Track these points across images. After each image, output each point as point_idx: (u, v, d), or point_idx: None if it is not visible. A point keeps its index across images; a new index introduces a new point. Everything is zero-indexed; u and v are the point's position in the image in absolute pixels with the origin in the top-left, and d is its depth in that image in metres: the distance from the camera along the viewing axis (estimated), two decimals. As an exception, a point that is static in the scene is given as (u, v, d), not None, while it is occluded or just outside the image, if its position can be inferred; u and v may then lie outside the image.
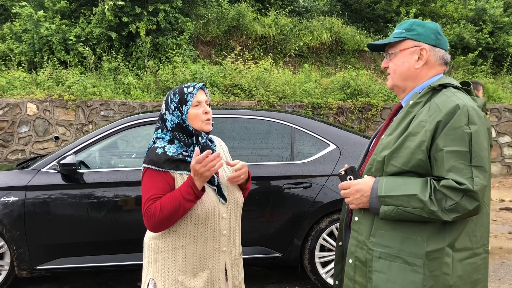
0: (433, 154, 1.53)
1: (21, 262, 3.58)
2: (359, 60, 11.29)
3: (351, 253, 1.68)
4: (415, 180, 1.54)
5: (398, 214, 1.53)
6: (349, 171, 1.68)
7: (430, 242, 1.53)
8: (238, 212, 2.04)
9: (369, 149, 1.83)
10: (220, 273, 1.97)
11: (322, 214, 3.74)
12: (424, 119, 1.55)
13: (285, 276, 4.27)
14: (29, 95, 7.59)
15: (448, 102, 1.55)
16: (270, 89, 8.47)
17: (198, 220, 1.89)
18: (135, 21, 8.79)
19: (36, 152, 7.39)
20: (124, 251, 3.62)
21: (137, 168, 3.72)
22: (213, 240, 1.93)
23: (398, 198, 1.52)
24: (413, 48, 1.68)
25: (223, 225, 1.95)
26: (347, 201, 1.67)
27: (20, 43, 8.84)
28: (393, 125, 1.66)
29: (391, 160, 1.58)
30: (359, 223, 1.67)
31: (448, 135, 1.50)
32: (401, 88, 1.74)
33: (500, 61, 11.46)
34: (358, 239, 1.66)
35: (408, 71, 1.69)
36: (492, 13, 11.54)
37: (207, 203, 1.90)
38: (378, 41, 1.77)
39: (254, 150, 3.90)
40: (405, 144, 1.55)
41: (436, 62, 1.69)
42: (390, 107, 8.90)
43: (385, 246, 1.58)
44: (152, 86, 8.33)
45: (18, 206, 3.55)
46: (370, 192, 1.59)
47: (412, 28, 1.70)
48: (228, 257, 2.00)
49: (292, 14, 11.56)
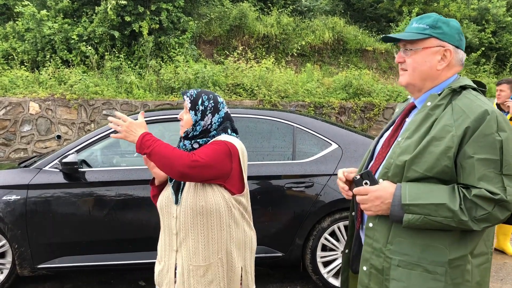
0: (460, 161, 1.46)
1: (22, 260, 3.58)
2: (362, 59, 11.27)
3: (366, 260, 1.62)
4: (442, 187, 1.46)
5: (424, 223, 1.45)
6: (365, 175, 1.57)
7: (453, 249, 1.48)
8: (194, 217, 1.97)
9: (375, 150, 1.75)
10: (170, 271, 2.04)
11: (324, 213, 3.73)
12: (448, 123, 1.48)
13: (286, 275, 4.27)
14: (31, 94, 7.60)
15: (475, 107, 1.47)
16: (272, 88, 8.46)
17: (158, 210, 2.11)
18: (138, 20, 8.79)
19: (38, 151, 7.40)
20: (126, 250, 3.63)
21: (138, 167, 3.72)
22: (168, 235, 2.06)
23: (425, 207, 1.44)
24: (437, 48, 1.58)
25: (173, 224, 2.03)
26: (364, 207, 1.57)
27: (23, 42, 8.84)
28: (411, 128, 1.56)
29: (412, 165, 1.49)
30: (374, 229, 1.59)
31: (478, 142, 1.43)
32: (417, 87, 1.64)
33: (503, 61, 11.43)
34: (374, 246, 1.59)
35: (429, 71, 1.60)
36: (495, 12, 11.51)
37: (162, 198, 2.08)
38: (397, 34, 1.63)
39: (256, 149, 3.89)
40: (429, 149, 1.47)
41: (456, 63, 1.62)
42: (392, 107, 8.88)
43: (404, 254, 1.52)
44: (154, 85, 8.33)
45: (20, 204, 3.56)
46: (392, 199, 1.50)
47: (438, 26, 1.59)
48: (181, 259, 2.01)
49: (294, 13, 11.55)
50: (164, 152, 1.89)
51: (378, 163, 1.66)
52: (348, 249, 1.83)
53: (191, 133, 2.05)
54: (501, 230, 4.75)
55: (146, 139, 1.91)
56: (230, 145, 2.00)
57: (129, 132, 1.93)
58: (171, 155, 1.89)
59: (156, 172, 2.12)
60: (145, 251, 3.58)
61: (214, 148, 1.97)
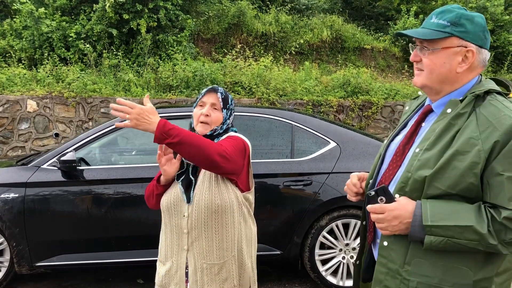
0: (487, 178, 1.33)
1: (20, 258, 3.58)
2: (360, 58, 11.28)
3: (379, 281, 1.49)
4: (467, 207, 1.33)
5: (447, 246, 1.33)
6: (380, 191, 1.41)
7: (478, 270, 1.36)
8: (209, 216, 1.94)
9: (386, 154, 1.61)
10: (180, 270, 1.98)
11: (322, 211, 3.74)
12: (474, 136, 1.33)
13: (285, 273, 4.28)
14: (29, 92, 7.58)
15: (503, 118, 1.33)
16: (270, 86, 8.46)
17: (163, 210, 2.03)
18: (136, 18, 8.77)
19: (36, 149, 7.39)
20: (124, 248, 3.63)
21: (137, 165, 3.72)
22: (176, 235, 1.99)
23: (449, 229, 1.32)
24: (459, 48, 1.41)
25: (184, 223, 1.96)
26: (380, 227, 1.43)
27: (20, 40, 8.82)
28: (429, 138, 1.41)
29: (434, 181, 1.35)
30: (390, 249, 1.45)
31: (509, 158, 1.30)
32: (435, 90, 1.48)
33: (501, 60, 11.45)
34: (389, 266, 1.45)
35: (448, 73, 1.43)
36: (493, 11, 11.52)
37: (170, 197, 2.00)
38: (415, 31, 1.46)
39: (254, 147, 3.89)
40: (452, 164, 1.34)
41: (479, 65, 1.45)
42: (391, 105, 8.89)
43: (424, 276, 1.39)
44: (153, 83, 8.32)
45: (18, 202, 3.55)
46: (412, 219, 1.36)
47: (460, 23, 1.41)
48: (192, 258, 1.96)
49: (293, 11, 11.54)
50: (195, 141, 1.76)
51: (392, 173, 1.52)
52: (359, 260, 1.72)
53: (217, 131, 2.03)
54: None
55: (169, 128, 1.73)
56: (245, 142, 2.01)
57: (140, 120, 1.71)
58: (202, 144, 1.77)
59: (166, 169, 1.99)
60: (144, 249, 3.58)
61: (233, 142, 1.95)
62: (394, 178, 1.50)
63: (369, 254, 1.65)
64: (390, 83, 9.98)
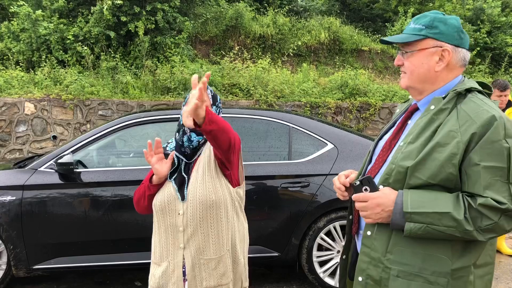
0: (465, 168, 1.40)
1: (18, 261, 3.57)
2: (357, 59, 11.29)
3: (362, 270, 1.55)
4: (445, 195, 1.41)
5: (426, 232, 1.40)
6: (365, 181, 1.49)
7: (456, 259, 1.43)
8: (204, 211, 1.95)
9: (375, 151, 1.69)
10: (177, 269, 1.98)
11: (320, 213, 3.74)
12: (454, 129, 1.41)
13: (282, 275, 4.27)
14: (26, 95, 7.58)
15: (481, 112, 1.41)
16: (268, 88, 8.47)
17: (156, 210, 2.04)
18: (134, 20, 8.77)
19: (34, 152, 7.38)
20: (122, 251, 3.62)
21: (134, 168, 3.72)
22: (171, 234, 2.00)
23: (428, 216, 1.38)
24: (434, 48, 1.52)
25: (179, 221, 1.97)
26: (364, 215, 1.50)
27: (18, 42, 8.81)
28: (413, 132, 1.50)
29: (415, 172, 1.43)
30: (373, 238, 1.52)
31: (484, 149, 1.37)
32: (417, 90, 1.58)
33: (498, 61, 11.48)
34: (371, 255, 1.52)
35: (427, 73, 1.53)
36: (490, 12, 11.56)
37: (163, 196, 2.01)
38: (394, 37, 1.58)
39: (252, 149, 3.90)
40: (433, 155, 1.41)
41: (458, 63, 1.54)
42: (388, 107, 8.90)
43: (405, 264, 1.45)
44: (150, 85, 8.32)
45: (15, 205, 3.54)
46: (393, 207, 1.43)
47: (434, 25, 1.52)
48: (189, 255, 1.97)
49: (291, 13, 11.56)
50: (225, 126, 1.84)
51: (377, 167, 1.60)
52: (346, 255, 1.77)
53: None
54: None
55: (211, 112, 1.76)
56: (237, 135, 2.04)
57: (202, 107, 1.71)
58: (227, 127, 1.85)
59: (158, 168, 2.00)
60: (141, 251, 3.58)
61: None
62: (380, 171, 1.58)
63: (355, 249, 1.69)
64: (387, 84, 10.00)
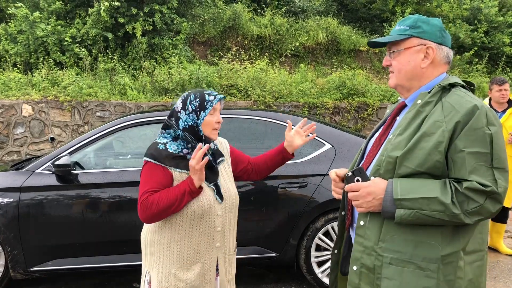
0: (451, 155, 1.47)
1: (15, 263, 3.56)
2: (355, 60, 11.30)
3: (356, 259, 1.60)
4: (433, 182, 1.47)
5: (416, 218, 1.45)
6: (356, 172, 1.56)
7: (445, 245, 1.48)
8: (233, 210, 2.13)
9: (366, 149, 1.76)
10: (212, 268, 2.06)
11: (318, 213, 3.74)
12: (439, 119, 1.49)
13: (281, 276, 4.27)
14: (24, 96, 7.57)
15: (464, 102, 1.49)
16: (266, 89, 8.47)
17: (193, 216, 1.99)
18: (131, 21, 8.77)
19: (31, 154, 7.37)
20: (120, 252, 3.61)
21: (132, 169, 3.71)
22: (207, 235, 2.03)
23: (416, 201, 1.45)
24: (419, 46, 1.61)
25: (218, 222, 2.05)
26: (356, 204, 1.57)
27: (15, 44, 8.80)
28: (402, 125, 1.57)
29: (404, 161, 1.50)
30: (366, 228, 1.58)
31: (469, 136, 1.45)
32: (405, 87, 1.67)
33: (495, 60, 11.50)
34: (365, 244, 1.58)
35: (414, 70, 1.62)
36: (487, 12, 11.58)
37: (203, 201, 2.00)
38: (380, 38, 1.68)
39: (250, 150, 3.89)
40: (420, 144, 1.48)
41: (441, 60, 1.64)
42: (386, 107, 8.91)
43: (397, 251, 1.51)
44: (148, 86, 8.32)
45: (13, 207, 3.54)
46: (384, 195, 1.50)
47: (417, 25, 1.62)
48: (221, 253, 2.10)
49: (288, 14, 11.56)
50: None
51: (369, 161, 1.66)
52: (338, 250, 1.82)
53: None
54: (494, 228, 4.78)
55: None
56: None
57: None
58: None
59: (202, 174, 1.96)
60: (139, 253, 3.56)
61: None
62: (371, 165, 1.64)
63: (347, 243, 1.75)
64: (385, 84, 10.01)
